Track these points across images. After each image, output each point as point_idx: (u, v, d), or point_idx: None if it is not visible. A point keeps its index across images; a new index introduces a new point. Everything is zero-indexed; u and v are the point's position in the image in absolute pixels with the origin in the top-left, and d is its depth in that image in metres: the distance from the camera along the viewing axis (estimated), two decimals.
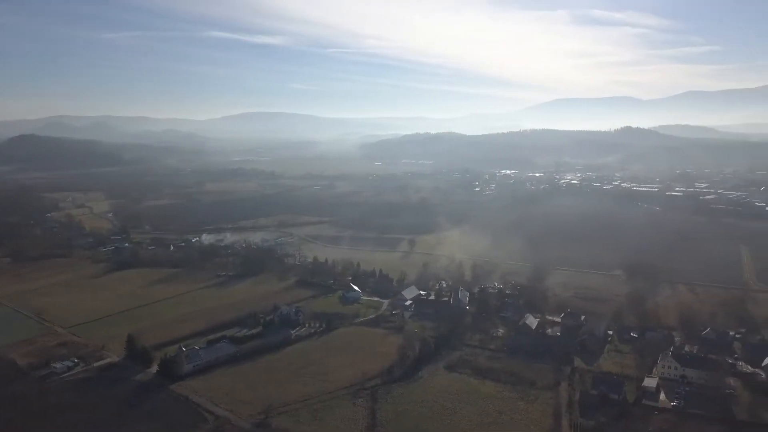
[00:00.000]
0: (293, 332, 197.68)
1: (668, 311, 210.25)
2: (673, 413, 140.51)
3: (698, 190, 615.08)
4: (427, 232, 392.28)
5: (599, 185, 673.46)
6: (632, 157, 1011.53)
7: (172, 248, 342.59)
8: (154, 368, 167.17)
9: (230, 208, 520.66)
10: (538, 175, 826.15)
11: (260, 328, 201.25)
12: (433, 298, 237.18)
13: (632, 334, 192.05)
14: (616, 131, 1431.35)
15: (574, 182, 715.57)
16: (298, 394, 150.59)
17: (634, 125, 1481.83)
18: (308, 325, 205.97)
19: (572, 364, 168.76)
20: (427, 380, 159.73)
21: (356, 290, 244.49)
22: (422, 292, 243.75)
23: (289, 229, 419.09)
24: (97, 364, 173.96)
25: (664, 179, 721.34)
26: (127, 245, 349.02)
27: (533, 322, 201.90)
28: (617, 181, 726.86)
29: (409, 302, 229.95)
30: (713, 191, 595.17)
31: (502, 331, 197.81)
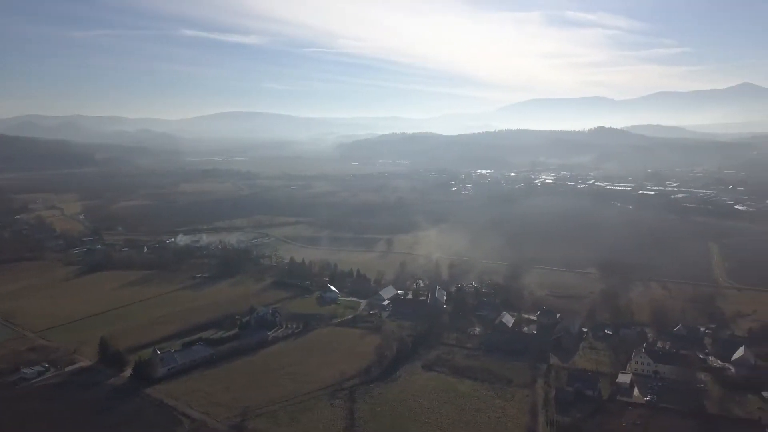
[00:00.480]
0: (270, 334, 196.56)
1: (641, 308, 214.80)
2: (646, 408, 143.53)
3: (669, 188, 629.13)
4: (404, 231, 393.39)
5: (573, 184, 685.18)
6: (605, 156, 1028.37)
7: (146, 250, 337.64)
8: (128, 372, 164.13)
9: (206, 208, 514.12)
10: (513, 174, 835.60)
11: (237, 329, 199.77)
12: (410, 297, 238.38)
13: (606, 331, 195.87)
14: (589, 131, 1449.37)
15: (549, 181, 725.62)
16: (275, 395, 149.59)
17: (607, 125, 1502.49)
18: (285, 326, 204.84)
19: (548, 361, 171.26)
20: (404, 379, 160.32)
21: (334, 291, 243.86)
22: (400, 291, 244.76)
23: (265, 229, 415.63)
24: (68, 368, 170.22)
25: (636, 178, 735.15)
26: (99, 247, 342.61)
27: (509, 320, 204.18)
28: (591, 180, 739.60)
29: (386, 302, 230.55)
30: (684, 190, 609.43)
31: (479, 329, 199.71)
